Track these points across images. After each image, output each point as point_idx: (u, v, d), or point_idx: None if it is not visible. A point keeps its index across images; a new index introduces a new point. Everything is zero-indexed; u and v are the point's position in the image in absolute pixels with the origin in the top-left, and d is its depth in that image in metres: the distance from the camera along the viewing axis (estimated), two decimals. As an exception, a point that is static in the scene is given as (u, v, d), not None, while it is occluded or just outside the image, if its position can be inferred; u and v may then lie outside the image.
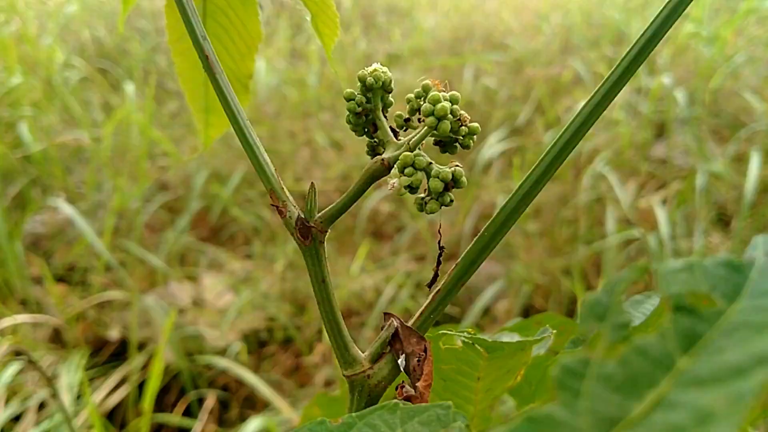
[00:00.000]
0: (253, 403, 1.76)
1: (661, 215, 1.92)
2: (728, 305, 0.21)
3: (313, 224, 0.36)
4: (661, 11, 0.36)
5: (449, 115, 0.35)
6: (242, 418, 1.71)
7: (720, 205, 2.08)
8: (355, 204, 0.38)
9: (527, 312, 1.96)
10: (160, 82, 2.96)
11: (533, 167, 0.35)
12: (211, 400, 1.70)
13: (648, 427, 0.17)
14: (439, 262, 0.36)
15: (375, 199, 2.27)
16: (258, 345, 1.94)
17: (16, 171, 2.31)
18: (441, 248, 0.37)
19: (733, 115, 2.35)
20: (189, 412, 1.69)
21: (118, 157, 2.48)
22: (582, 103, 0.36)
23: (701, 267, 0.22)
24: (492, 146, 2.40)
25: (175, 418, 1.64)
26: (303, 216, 0.36)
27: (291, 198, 0.37)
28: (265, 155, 0.37)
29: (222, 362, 1.71)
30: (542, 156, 0.35)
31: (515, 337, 0.52)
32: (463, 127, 0.35)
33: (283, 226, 2.24)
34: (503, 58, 2.97)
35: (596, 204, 2.14)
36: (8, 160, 2.30)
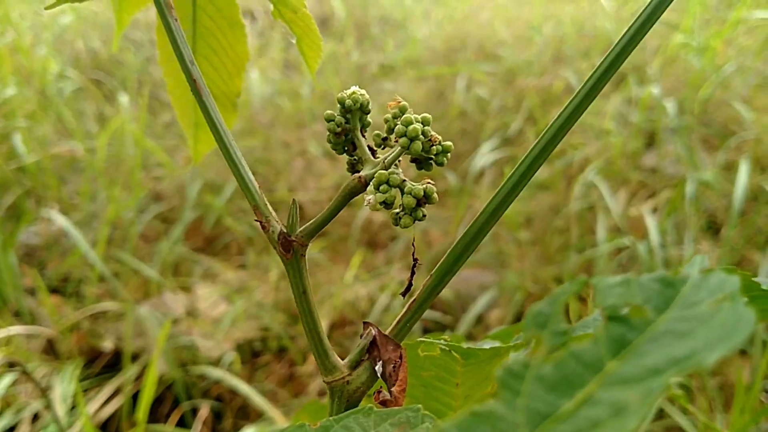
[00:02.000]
0: (247, 413, 1.77)
1: (652, 223, 1.94)
2: (658, 316, 0.23)
3: (294, 238, 0.37)
4: (637, 18, 0.37)
5: (420, 136, 0.36)
6: (236, 429, 1.72)
7: (710, 214, 2.10)
8: (349, 213, 0.39)
9: (520, 320, 1.97)
10: (154, 93, 2.97)
11: (503, 183, 0.37)
12: (204, 410, 1.71)
13: (572, 421, 0.19)
14: (413, 273, 0.38)
15: (369, 209, 2.28)
16: (252, 355, 1.95)
17: (10, 182, 2.32)
18: (415, 260, 0.38)
19: (723, 125, 2.37)
20: (183, 423, 1.69)
21: (113, 167, 2.49)
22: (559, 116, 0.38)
23: (636, 282, 0.24)
24: (484, 155, 2.41)
25: (169, 428, 1.65)
26: (285, 230, 0.37)
27: (274, 213, 0.38)
28: (249, 173, 0.39)
29: (216, 372, 1.72)
30: (512, 171, 0.36)
31: (496, 344, 0.53)
32: (434, 147, 0.36)
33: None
34: (496, 69, 2.99)
35: (587, 213, 2.16)
36: (2, 171, 2.31)
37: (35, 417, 1.60)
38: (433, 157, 0.38)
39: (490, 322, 1.97)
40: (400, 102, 0.39)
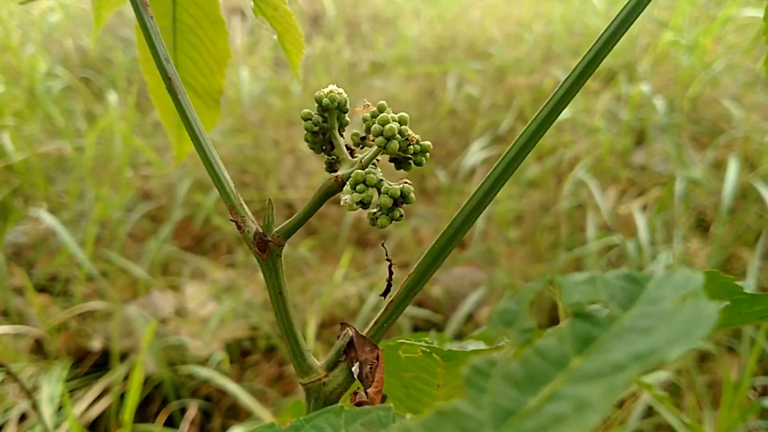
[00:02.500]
0: (236, 413, 1.76)
1: (641, 221, 1.94)
2: (622, 312, 0.23)
3: (270, 238, 0.37)
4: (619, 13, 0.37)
5: (397, 135, 0.36)
6: (225, 428, 1.71)
7: (699, 211, 2.11)
8: (339, 212, 0.39)
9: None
10: (143, 92, 2.95)
11: (480, 185, 0.36)
12: (193, 410, 1.70)
13: (537, 418, 0.19)
14: (390, 273, 0.37)
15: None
16: (241, 354, 1.94)
17: (-2, 181, 2.30)
18: (389, 261, 0.38)
19: (712, 122, 2.38)
20: (171, 422, 1.69)
21: (101, 166, 2.48)
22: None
23: (602, 279, 0.24)
24: (475, 153, 2.41)
25: (157, 428, 1.64)
26: (261, 231, 0.37)
27: (250, 213, 0.38)
28: (225, 173, 0.38)
29: (204, 372, 1.71)
30: (489, 173, 0.36)
31: (480, 345, 0.53)
32: (411, 146, 0.36)
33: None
34: (486, 67, 2.99)
35: (577, 211, 2.16)
36: (-10, 170, 2.29)
37: (23, 417, 1.59)
38: (411, 156, 0.38)
39: (480, 320, 1.97)
40: (370, 107, 0.38)
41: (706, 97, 2.43)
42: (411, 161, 0.38)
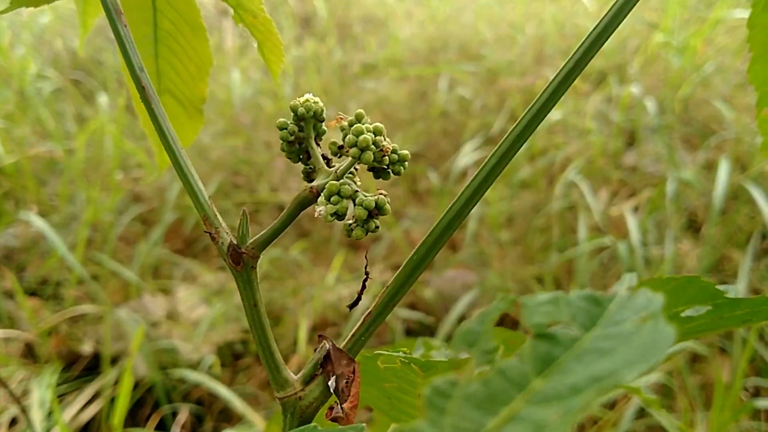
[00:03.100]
0: (228, 417, 1.76)
1: (632, 222, 1.95)
2: (584, 333, 0.23)
3: (244, 250, 0.37)
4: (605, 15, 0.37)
5: (372, 146, 0.36)
6: (216, 432, 1.71)
7: (690, 212, 2.11)
8: None
9: (502, 320, 1.97)
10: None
11: (461, 191, 0.36)
12: (184, 414, 1.70)
13: None
14: (363, 287, 0.37)
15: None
16: (233, 357, 1.94)
17: (-12, 184, 2.29)
18: (366, 274, 0.38)
19: (703, 124, 2.38)
20: (162, 426, 1.68)
21: (91, 169, 2.47)
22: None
23: (564, 299, 0.24)
24: (466, 155, 2.41)
25: (147, 432, 1.63)
26: (235, 242, 0.37)
27: (224, 224, 0.37)
28: (199, 183, 0.38)
29: (196, 375, 1.71)
30: (470, 181, 0.36)
31: (463, 354, 0.53)
32: (386, 157, 0.36)
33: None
34: (478, 69, 2.99)
35: (568, 212, 2.16)
36: (-20, 173, 2.28)
37: (13, 421, 1.58)
38: (387, 166, 0.37)
39: (472, 322, 1.96)
40: (343, 119, 0.38)
41: (697, 98, 2.43)
42: (389, 171, 0.38)
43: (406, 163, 0.38)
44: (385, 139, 0.37)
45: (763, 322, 0.39)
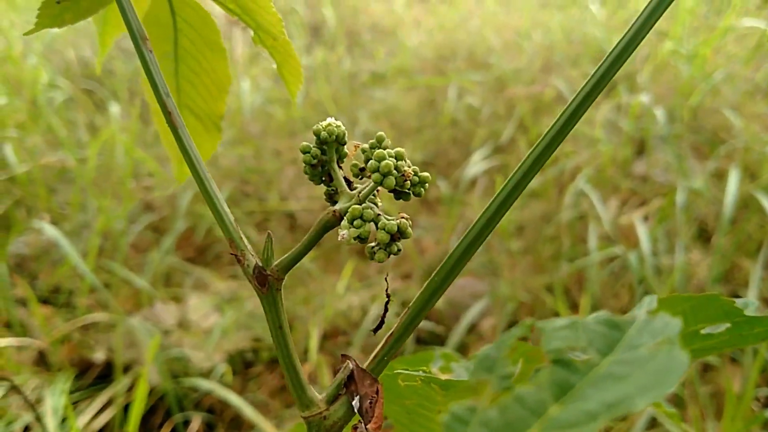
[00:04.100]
0: (239, 425, 1.76)
1: (643, 232, 1.95)
2: (601, 359, 0.23)
3: (269, 272, 0.37)
4: (629, 29, 0.38)
5: (393, 171, 0.37)
6: (227, 440, 1.72)
7: (701, 221, 2.11)
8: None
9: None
10: (145, 103, 2.97)
11: (485, 208, 0.37)
12: (196, 422, 1.71)
13: None
14: (386, 310, 0.38)
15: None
16: (244, 365, 1.95)
17: (1, 192, 2.31)
18: (388, 296, 0.39)
19: (713, 132, 2.38)
20: (174, 435, 1.69)
21: (103, 177, 2.49)
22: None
23: (582, 324, 0.25)
24: (476, 164, 2.42)
25: (160, 441, 1.64)
26: (260, 264, 0.37)
27: (249, 247, 0.38)
28: (225, 206, 0.39)
29: (207, 384, 1.71)
30: (489, 204, 0.36)
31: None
32: (407, 182, 0.37)
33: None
34: (486, 77, 3.00)
35: (578, 221, 2.16)
36: (-7, 182, 2.30)
37: (26, 429, 1.59)
38: (407, 190, 0.38)
39: (482, 331, 1.97)
40: (359, 146, 0.39)
41: (707, 107, 2.43)
42: (410, 193, 0.39)
43: (427, 185, 0.38)
44: (406, 163, 0.38)
45: (782, 340, 0.40)
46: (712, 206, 2.07)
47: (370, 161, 0.37)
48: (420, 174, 0.38)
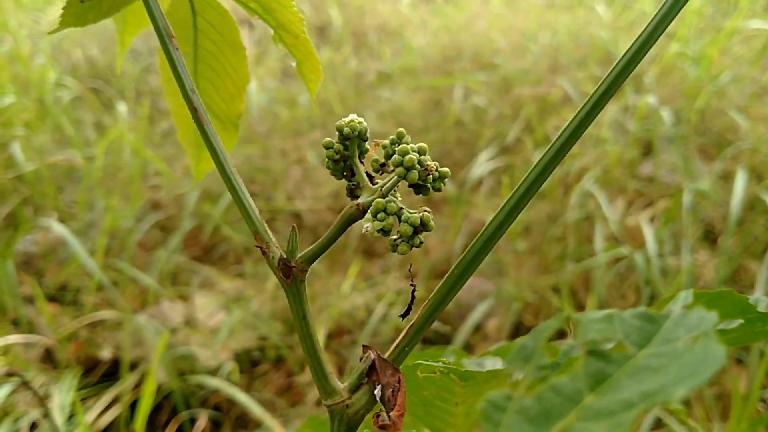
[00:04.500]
0: (246, 423, 1.77)
1: (649, 233, 1.95)
2: (637, 351, 0.24)
3: (294, 264, 0.38)
4: (641, 33, 0.38)
5: (417, 166, 0.38)
6: (234, 438, 1.72)
7: (707, 223, 2.11)
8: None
9: (517, 329, 1.98)
10: (153, 102, 2.98)
11: (503, 204, 0.37)
12: (203, 419, 1.71)
13: None
14: (412, 298, 0.39)
15: (367, 217, 2.28)
16: (250, 364, 1.95)
17: (8, 191, 2.32)
18: (413, 285, 0.39)
19: (719, 134, 2.38)
20: (180, 432, 1.70)
21: (110, 176, 2.50)
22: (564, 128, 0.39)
23: (619, 317, 0.25)
24: (481, 165, 2.42)
25: (166, 438, 1.65)
26: (285, 257, 0.38)
27: (274, 239, 0.39)
28: (250, 200, 0.40)
29: (214, 382, 1.72)
30: (519, 184, 0.37)
31: (497, 362, 0.54)
32: (430, 176, 0.38)
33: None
34: (492, 78, 3.00)
35: (585, 222, 2.16)
36: (0, 180, 2.31)
37: (33, 426, 1.60)
38: (429, 184, 0.39)
39: (488, 331, 1.97)
40: (379, 143, 0.40)
41: (713, 108, 2.43)
42: (429, 187, 0.40)
43: (446, 180, 0.39)
44: (428, 159, 0.38)
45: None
46: (718, 208, 2.08)
47: (394, 156, 0.38)
48: (440, 169, 0.39)
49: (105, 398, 1.70)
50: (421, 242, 0.38)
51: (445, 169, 0.39)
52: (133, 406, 1.65)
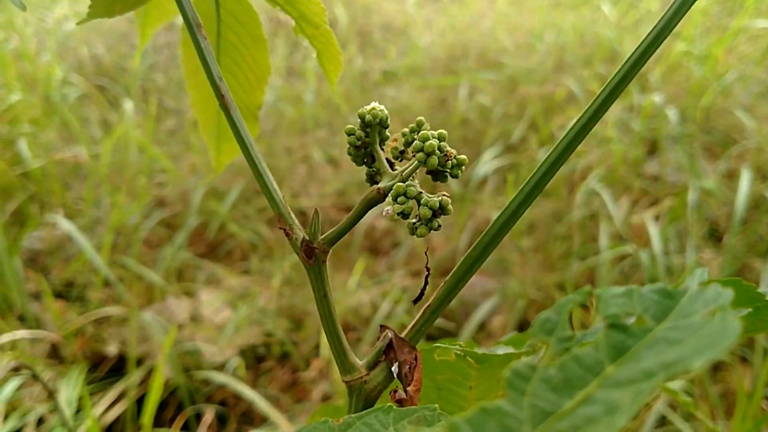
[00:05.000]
0: (251, 418, 1.77)
1: (654, 231, 1.95)
2: (656, 324, 0.25)
3: (316, 245, 0.40)
4: (649, 33, 0.39)
5: (437, 151, 0.39)
6: (240, 434, 1.73)
7: (712, 222, 2.11)
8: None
9: (522, 327, 1.98)
10: (158, 100, 2.99)
11: (519, 189, 0.38)
12: (209, 415, 1.72)
13: (571, 418, 0.22)
14: (426, 282, 0.40)
15: (371, 216, 2.30)
16: (255, 360, 1.96)
17: (15, 187, 2.33)
18: (428, 270, 0.40)
19: (725, 133, 2.39)
20: (187, 428, 1.70)
21: (116, 173, 2.51)
22: (572, 123, 0.39)
23: (638, 292, 0.26)
24: (486, 163, 2.43)
25: (173, 433, 1.66)
26: (307, 238, 0.40)
27: (297, 222, 0.41)
28: (274, 183, 0.41)
29: (220, 377, 1.73)
30: (529, 177, 0.38)
31: (509, 350, 0.55)
32: (449, 162, 0.40)
33: (279, 242, 2.26)
34: (498, 77, 3.00)
35: (590, 220, 2.17)
36: (7, 177, 2.32)
37: (40, 421, 1.61)
38: (448, 170, 0.40)
39: (492, 328, 1.98)
40: (397, 139, 0.41)
41: (719, 107, 2.44)
42: (447, 174, 0.41)
43: (464, 167, 0.40)
44: (447, 145, 0.40)
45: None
46: (723, 206, 2.08)
47: (415, 141, 0.39)
48: (458, 156, 0.41)
49: (111, 394, 1.70)
50: (439, 225, 0.39)
51: (463, 156, 0.41)
52: (139, 401, 1.66)
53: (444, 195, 0.40)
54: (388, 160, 0.43)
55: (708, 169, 2.21)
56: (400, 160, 0.43)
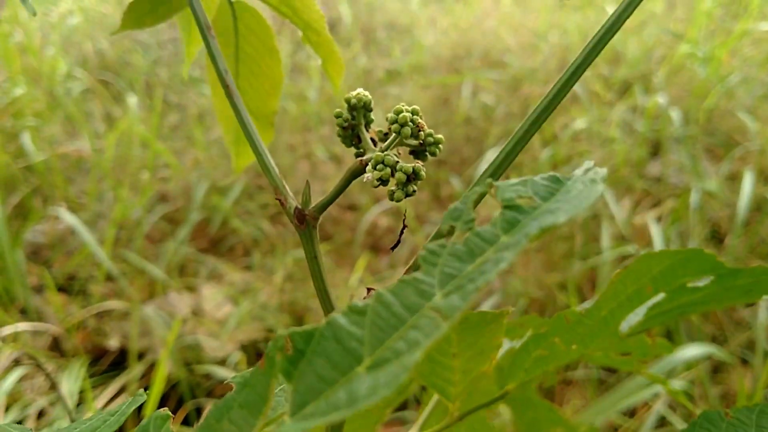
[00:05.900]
0: (251, 414, 1.77)
1: (656, 232, 1.95)
2: (543, 203, 0.30)
3: (307, 212, 0.45)
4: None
5: (409, 123, 0.44)
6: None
7: (714, 223, 2.12)
8: (354, 218, 0.43)
9: (527, 309, 1.98)
10: (162, 95, 2.99)
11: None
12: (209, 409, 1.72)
13: (469, 275, 0.27)
14: (401, 232, 0.45)
15: (374, 213, 2.30)
16: (257, 356, 1.97)
17: (18, 180, 2.34)
18: (404, 225, 0.45)
19: (728, 135, 2.39)
20: (187, 422, 1.71)
21: (119, 168, 2.51)
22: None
23: (531, 181, 0.32)
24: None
25: (174, 427, 1.65)
26: (299, 207, 0.45)
27: (291, 193, 0.46)
28: (271, 159, 0.46)
29: (221, 372, 1.73)
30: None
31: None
32: (421, 132, 0.44)
33: (281, 238, 2.27)
34: (501, 76, 3.01)
35: (592, 220, 2.17)
36: (10, 170, 2.33)
37: (40, 414, 1.61)
38: (426, 148, 0.45)
39: (493, 327, 1.97)
40: (376, 130, 0.46)
41: (722, 109, 2.44)
42: (426, 152, 0.45)
43: (440, 145, 0.45)
44: (420, 118, 0.44)
45: (765, 294, 0.41)
46: (725, 208, 2.08)
47: (390, 114, 0.44)
48: (435, 135, 0.45)
49: (112, 387, 1.71)
50: (414, 190, 0.43)
51: (440, 136, 0.45)
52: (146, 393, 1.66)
53: (417, 163, 0.43)
54: (372, 140, 0.47)
55: (710, 171, 2.21)
56: (384, 142, 0.47)
